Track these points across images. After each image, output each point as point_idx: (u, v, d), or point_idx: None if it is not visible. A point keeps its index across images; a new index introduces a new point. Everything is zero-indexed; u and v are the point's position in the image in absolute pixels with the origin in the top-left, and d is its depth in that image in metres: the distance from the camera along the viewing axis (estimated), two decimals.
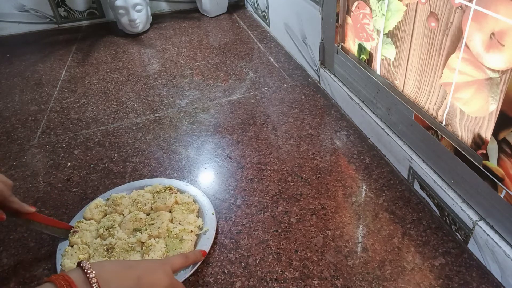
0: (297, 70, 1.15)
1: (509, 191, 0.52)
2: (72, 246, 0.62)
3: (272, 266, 0.60)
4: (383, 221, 0.66)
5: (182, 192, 0.73)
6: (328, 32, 0.95)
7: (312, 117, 0.94)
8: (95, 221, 0.68)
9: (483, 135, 0.55)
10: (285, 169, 0.79)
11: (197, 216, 0.68)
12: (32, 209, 0.59)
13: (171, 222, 0.67)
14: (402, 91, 0.73)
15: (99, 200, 0.71)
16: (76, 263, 0.59)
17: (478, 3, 0.50)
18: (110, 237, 0.63)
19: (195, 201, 0.71)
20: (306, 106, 0.98)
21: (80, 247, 0.61)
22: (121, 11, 1.39)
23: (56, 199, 0.75)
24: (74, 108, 1.05)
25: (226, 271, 0.60)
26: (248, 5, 1.65)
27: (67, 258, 0.60)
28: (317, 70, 1.07)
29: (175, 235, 0.63)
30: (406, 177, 0.74)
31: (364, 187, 0.74)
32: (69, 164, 0.84)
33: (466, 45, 0.54)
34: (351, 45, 0.89)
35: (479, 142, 0.57)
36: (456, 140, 0.61)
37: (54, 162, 0.85)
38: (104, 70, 1.23)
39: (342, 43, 0.92)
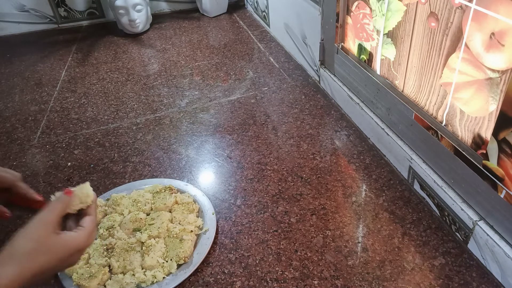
0: (297, 70, 1.15)
1: (509, 191, 0.52)
2: None
3: (272, 266, 0.60)
4: (383, 221, 0.66)
5: (182, 192, 0.73)
6: (328, 32, 0.95)
7: (312, 117, 0.94)
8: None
9: (483, 135, 0.55)
10: (285, 169, 0.79)
11: (197, 216, 0.68)
12: (39, 198, 0.58)
13: (171, 222, 0.67)
14: (402, 91, 0.73)
15: (99, 200, 0.70)
16: (76, 263, 0.59)
17: (478, 3, 0.50)
18: (110, 237, 0.63)
19: (195, 201, 0.71)
20: (306, 106, 0.98)
21: None
22: (121, 11, 1.39)
23: None
24: (74, 108, 1.05)
25: (226, 271, 0.60)
26: (248, 5, 1.65)
27: None
28: (317, 70, 1.07)
29: (175, 235, 0.63)
30: (406, 177, 0.74)
31: (364, 187, 0.74)
32: (69, 164, 0.84)
33: (466, 45, 0.54)
34: (351, 45, 0.89)
35: (479, 142, 0.57)
36: (456, 140, 0.61)
37: (54, 162, 0.85)
38: (104, 70, 1.23)
39: (342, 43, 0.92)
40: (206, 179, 0.78)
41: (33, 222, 0.43)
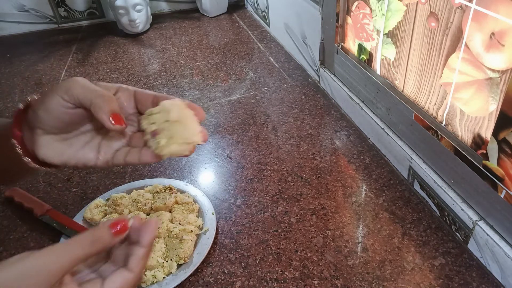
0: (297, 70, 1.15)
1: (509, 191, 0.52)
2: None
3: (272, 266, 0.60)
4: (383, 221, 0.66)
5: (182, 192, 0.73)
6: (328, 32, 0.95)
7: (312, 117, 0.94)
8: (95, 221, 0.68)
9: (483, 135, 0.55)
10: (285, 169, 0.79)
11: (197, 216, 0.68)
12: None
13: (171, 222, 0.67)
14: (402, 91, 0.73)
15: (99, 200, 0.71)
16: None
17: (478, 3, 0.50)
18: None
19: (195, 201, 0.71)
20: (306, 106, 0.98)
21: None
22: (121, 11, 1.39)
23: (56, 199, 0.75)
24: None
25: (226, 271, 0.60)
26: (248, 5, 1.65)
27: None
28: (317, 70, 1.07)
29: (175, 235, 0.63)
30: (406, 177, 0.74)
31: (364, 187, 0.74)
32: None
33: (466, 45, 0.54)
34: (351, 45, 0.89)
35: (479, 142, 0.57)
36: (456, 140, 0.61)
37: None
38: (104, 70, 1.23)
39: (342, 43, 0.92)
40: (206, 179, 0.78)
41: (33, 261, 0.29)
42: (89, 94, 0.34)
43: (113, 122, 0.33)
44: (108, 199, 0.71)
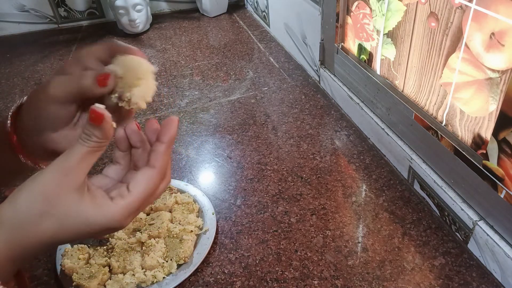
0: (297, 70, 1.15)
1: (509, 191, 0.52)
2: (72, 246, 0.62)
3: (272, 266, 0.60)
4: (383, 221, 0.66)
5: (182, 192, 0.73)
6: (328, 32, 0.95)
7: (312, 117, 0.94)
8: None
9: (483, 135, 0.55)
10: (285, 169, 0.79)
11: (197, 216, 0.68)
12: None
13: (171, 222, 0.67)
14: (402, 91, 0.73)
15: None
16: (76, 263, 0.59)
17: (478, 3, 0.50)
18: (110, 237, 0.63)
19: (195, 201, 0.71)
20: (306, 106, 0.98)
21: (80, 247, 0.61)
22: (121, 11, 1.39)
23: None
24: None
25: (226, 271, 0.60)
26: (248, 5, 1.65)
27: (67, 258, 0.60)
28: (317, 70, 1.07)
29: (175, 235, 0.63)
30: (406, 177, 0.74)
31: (364, 187, 0.74)
32: None
33: (466, 45, 0.54)
34: (351, 45, 0.89)
35: (479, 142, 0.57)
36: (456, 140, 0.61)
37: None
38: None
39: (342, 43, 0.92)
40: (206, 179, 0.78)
41: (49, 168, 0.30)
42: (71, 84, 0.35)
43: (100, 85, 0.34)
44: None
